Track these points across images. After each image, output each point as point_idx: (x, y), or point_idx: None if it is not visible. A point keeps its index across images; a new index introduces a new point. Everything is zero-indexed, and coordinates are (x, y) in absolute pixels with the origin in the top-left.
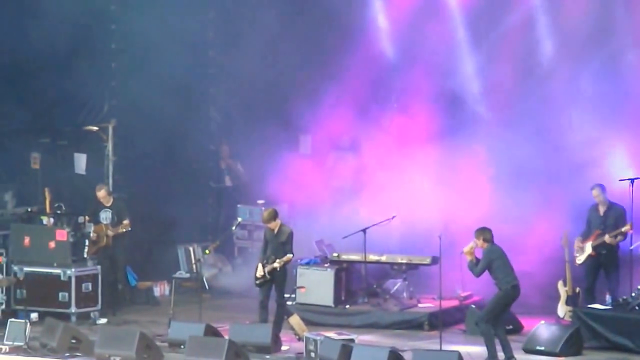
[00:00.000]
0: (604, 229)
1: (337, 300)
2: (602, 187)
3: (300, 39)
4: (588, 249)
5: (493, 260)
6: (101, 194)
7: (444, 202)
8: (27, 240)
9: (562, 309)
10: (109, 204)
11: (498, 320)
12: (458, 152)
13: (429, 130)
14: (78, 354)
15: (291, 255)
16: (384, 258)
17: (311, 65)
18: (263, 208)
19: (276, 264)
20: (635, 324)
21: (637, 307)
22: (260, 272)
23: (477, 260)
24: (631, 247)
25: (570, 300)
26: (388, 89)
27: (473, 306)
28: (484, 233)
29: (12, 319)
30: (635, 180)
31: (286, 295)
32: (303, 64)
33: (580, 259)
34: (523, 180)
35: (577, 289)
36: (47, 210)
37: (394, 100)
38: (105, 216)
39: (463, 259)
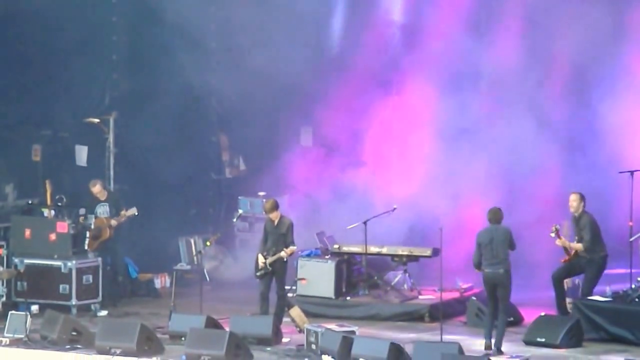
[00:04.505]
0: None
1: (338, 292)
2: (581, 196)
3: (301, 30)
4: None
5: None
6: (96, 189)
7: (446, 193)
8: (27, 232)
9: None
10: (104, 198)
11: (497, 308)
12: (461, 141)
13: (430, 120)
14: (78, 346)
15: (295, 247)
16: (384, 250)
17: (312, 57)
18: (264, 200)
19: (283, 254)
20: (635, 316)
21: (637, 299)
22: (261, 264)
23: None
24: (631, 240)
25: (570, 292)
26: (389, 81)
27: (474, 298)
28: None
29: (13, 311)
30: (634, 173)
31: (287, 287)
32: (304, 55)
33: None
34: (531, 170)
35: (577, 281)
36: (48, 202)
37: (394, 93)
38: (103, 210)
39: (463, 250)
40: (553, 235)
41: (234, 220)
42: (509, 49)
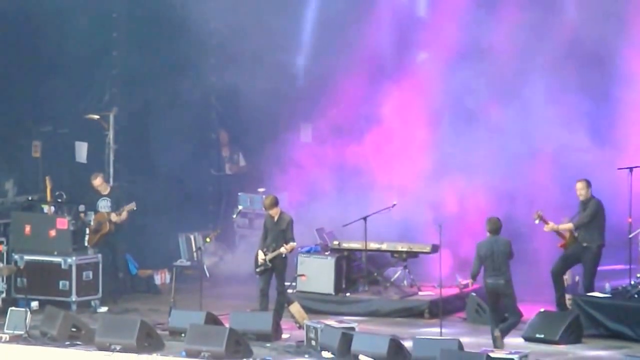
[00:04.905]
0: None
1: (338, 288)
2: (587, 182)
3: (300, 26)
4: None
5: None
6: (97, 182)
7: (447, 189)
8: (27, 228)
9: None
10: (106, 192)
11: (499, 315)
12: (461, 136)
13: (430, 116)
14: (78, 343)
15: (294, 243)
16: (384, 246)
17: (312, 52)
18: (264, 196)
19: (282, 250)
20: (635, 312)
21: (636, 295)
22: (261, 260)
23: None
24: (630, 236)
25: (570, 288)
26: (389, 76)
27: (473, 294)
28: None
29: (13, 308)
30: (634, 169)
31: (287, 283)
32: (303, 48)
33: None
34: (533, 165)
35: (577, 277)
36: (48, 198)
37: (394, 87)
38: (104, 205)
39: (462, 247)
40: (537, 222)
41: (234, 216)
42: (515, 36)
